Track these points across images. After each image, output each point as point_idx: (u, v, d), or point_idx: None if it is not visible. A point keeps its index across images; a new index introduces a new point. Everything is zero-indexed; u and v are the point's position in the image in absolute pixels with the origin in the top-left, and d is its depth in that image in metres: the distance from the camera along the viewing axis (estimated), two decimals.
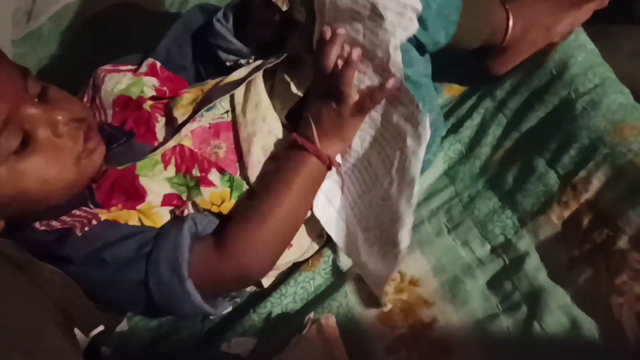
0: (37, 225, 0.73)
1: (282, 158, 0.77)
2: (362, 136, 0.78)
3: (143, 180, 0.76)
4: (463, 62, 0.95)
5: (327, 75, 0.73)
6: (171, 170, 0.79)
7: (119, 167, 0.77)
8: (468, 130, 0.89)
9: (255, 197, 0.76)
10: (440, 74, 0.88)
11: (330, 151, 0.76)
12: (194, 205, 0.79)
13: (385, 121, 0.74)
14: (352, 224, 0.80)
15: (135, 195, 0.76)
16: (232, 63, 0.90)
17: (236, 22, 0.88)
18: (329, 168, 0.77)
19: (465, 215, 0.80)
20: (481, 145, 0.86)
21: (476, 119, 0.89)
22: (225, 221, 0.76)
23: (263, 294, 0.82)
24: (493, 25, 0.85)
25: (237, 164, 0.81)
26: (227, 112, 0.83)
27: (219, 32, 0.87)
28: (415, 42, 0.78)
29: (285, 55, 0.82)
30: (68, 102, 0.74)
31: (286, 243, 0.77)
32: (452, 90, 0.96)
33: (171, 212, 0.78)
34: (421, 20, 0.74)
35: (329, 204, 0.81)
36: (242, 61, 0.90)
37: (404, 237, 0.71)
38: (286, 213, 0.74)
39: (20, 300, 0.64)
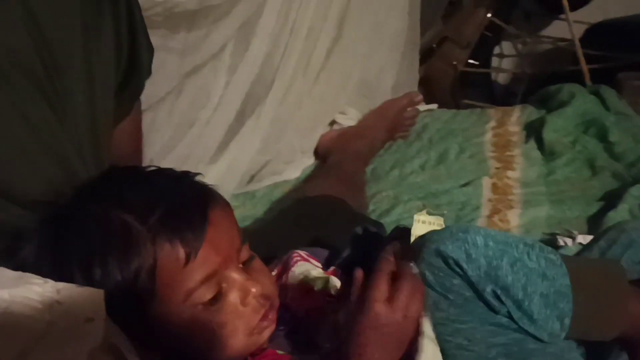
0: None
1: None
2: None
3: None
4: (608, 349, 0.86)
5: None
6: None
7: (279, 352, 0.81)
8: None
9: None
10: None
11: None
12: None
13: None
14: None
15: None
16: None
17: None
18: None
19: None
20: None
21: None
22: None
23: None
24: (632, 315, 0.78)
25: None
26: None
27: None
28: (526, 333, 0.77)
29: None
30: (265, 277, 0.81)
31: None
32: None
33: None
34: (524, 313, 0.76)
35: None
36: None
37: None
38: None
39: None
